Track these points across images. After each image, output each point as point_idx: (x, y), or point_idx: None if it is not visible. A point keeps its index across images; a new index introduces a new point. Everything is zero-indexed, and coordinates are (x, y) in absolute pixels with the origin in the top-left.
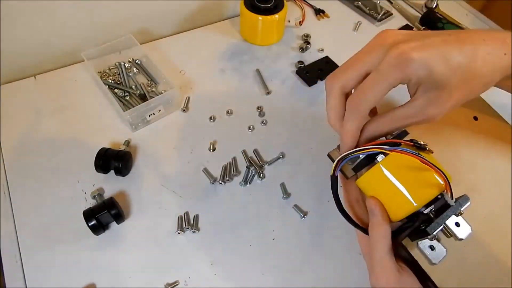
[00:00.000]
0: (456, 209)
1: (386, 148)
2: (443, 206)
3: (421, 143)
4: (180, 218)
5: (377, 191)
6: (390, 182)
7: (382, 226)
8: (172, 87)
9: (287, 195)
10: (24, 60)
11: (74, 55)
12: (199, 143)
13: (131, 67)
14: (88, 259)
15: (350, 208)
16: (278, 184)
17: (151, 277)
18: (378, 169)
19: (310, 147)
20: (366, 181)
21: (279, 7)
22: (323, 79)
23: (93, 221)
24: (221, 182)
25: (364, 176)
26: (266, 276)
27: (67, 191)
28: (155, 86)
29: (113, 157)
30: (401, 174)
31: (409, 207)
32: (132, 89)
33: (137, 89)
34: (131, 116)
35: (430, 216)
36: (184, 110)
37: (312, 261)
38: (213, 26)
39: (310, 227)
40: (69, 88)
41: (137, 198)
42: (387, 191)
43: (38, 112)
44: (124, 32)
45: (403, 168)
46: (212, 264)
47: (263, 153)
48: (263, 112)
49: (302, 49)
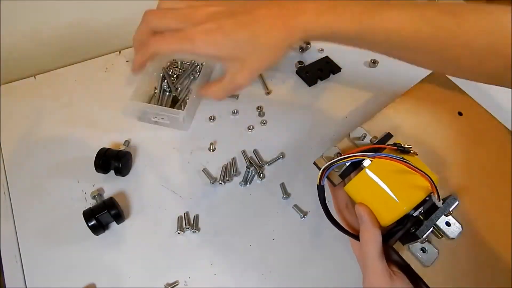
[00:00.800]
0: (445, 210)
1: (370, 155)
2: (432, 206)
3: (405, 146)
4: (180, 218)
5: (365, 197)
6: (378, 186)
7: (372, 231)
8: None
9: (287, 195)
10: (24, 60)
11: (74, 55)
12: (199, 143)
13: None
14: (88, 259)
15: (340, 214)
16: (278, 184)
17: (151, 277)
18: (365, 175)
19: (310, 147)
20: (354, 186)
21: None
22: (323, 79)
23: (93, 221)
24: (221, 182)
25: (352, 182)
26: (266, 276)
27: (67, 191)
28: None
29: (113, 157)
30: (387, 178)
31: (398, 211)
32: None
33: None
34: (134, 109)
35: (420, 218)
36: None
37: (312, 261)
38: None
39: (310, 227)
40: (69, 88)
41: (137, 198)
42: (375, 196)
43: (38, 112)
44: (124, 32)
45: (389, 173)
46: (212, 264)
47: (263, 153)
48: (263, 112)
49: (302, 49)
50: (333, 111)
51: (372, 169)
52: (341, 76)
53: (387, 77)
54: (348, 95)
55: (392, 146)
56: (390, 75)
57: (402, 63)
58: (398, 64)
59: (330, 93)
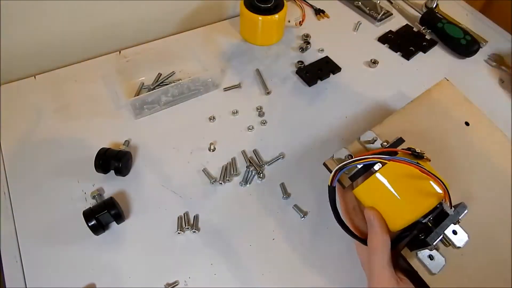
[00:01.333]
0: (455, 218)
1: (384, 158)
2: (441, 213)
3: (418, 151)
4: (180, 218)
5: (375, 201)
6: (389, 191)
7: (381, 237)
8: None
9: (287, 195)
10: (24, 60)
11: (74, 55)
12: (199, 143)
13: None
14: (88, 259)
15: (347, 217)
16: (278, 184)
17: (151, 277)
18: (376, 179)
19: (310, 147)
20: (364, 190)
21: (279, 7)
22: (323, 79)
23: (93, 221)
24: (221, 182)
25: (362, 186)
26: (266, 276)
27: (67, 191)
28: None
29: (113, 157)
30: (399, 184)
31: (409, 216)
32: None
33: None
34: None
35: (428, 224)
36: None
37: (312, 261)
38: (213, 26)
39: (310, 227)
40: (69, 88)
41: (137, 198)
42: (385, 201)
43: (38, 112)
44: (124, 31)
45: (401, 177)
46: (212, 264)
47: (263, 153)
48: (263, 112)
49: (302, 49)
50: (333, 111)
51: (383, 173)
52: (341, 76)
53: (387, 77)
54: (348, 95)
55: (406, 151)
56: (390, 75)
57: (402, 63)
58: (398, 64)
59: (330, 93)
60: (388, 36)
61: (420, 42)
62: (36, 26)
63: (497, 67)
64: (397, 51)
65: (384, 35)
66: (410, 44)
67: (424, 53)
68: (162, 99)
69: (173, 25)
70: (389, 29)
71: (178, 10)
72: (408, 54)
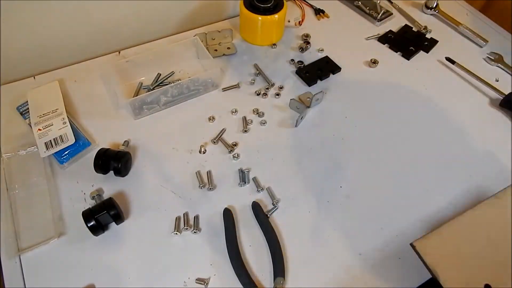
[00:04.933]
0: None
1: None
2: None
3: None
4: (178, 219)
5: None
6: None
7: None
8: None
9: (287, 195)
10: (24, 60)
11: (74, 55)
12: (199, 143)
13: None
14: (87, 259)
15: None
16: (278, 184)
17: (151, 277)
18: None
19: (310, 147)
20: None
21: (279, 7)
22: (322, 79)
23: (92, 222)
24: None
25: None
26: (265, 276)
27: (67, 191)
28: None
29: (113, 157)
30: None
31: None
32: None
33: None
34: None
35: None
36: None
37: (311, 261)
38: (213, 26)
39: (310, 227)
40: (69, 88)
41: (137, 199)
42: None
43: None
44: (124, 31)
45: None
46: (212, 264)
47: (262, 154)
48: (262, 113)
49: (302, 49)
50: (333, 111)
51: None
52: (341, 76)
53: (387, 77)
54: (348, 95)
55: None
56: (390, 75)
57: (402, 63)
58: (398, 64)
59: (330, 93)
60: (388, 36)
61: (420, 42)
62: (36, 27)
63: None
64: (397, 51)
65: (384, 35)
66: (410, 44)
67: (426, 52)
68: (161, 99)
69: (173, 25)
70: (389, 29)
71: (178, 10)
72: (408, 54)
